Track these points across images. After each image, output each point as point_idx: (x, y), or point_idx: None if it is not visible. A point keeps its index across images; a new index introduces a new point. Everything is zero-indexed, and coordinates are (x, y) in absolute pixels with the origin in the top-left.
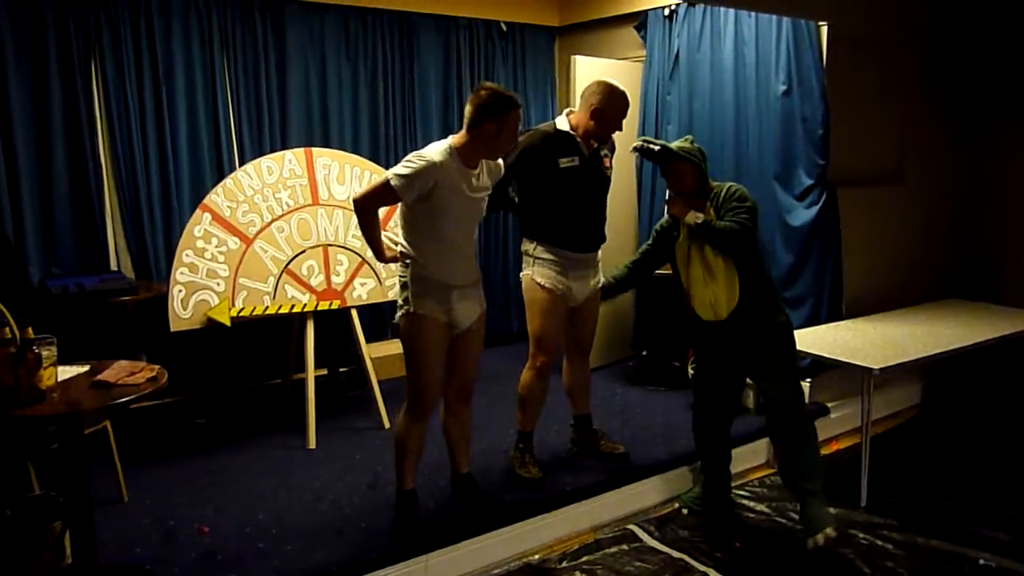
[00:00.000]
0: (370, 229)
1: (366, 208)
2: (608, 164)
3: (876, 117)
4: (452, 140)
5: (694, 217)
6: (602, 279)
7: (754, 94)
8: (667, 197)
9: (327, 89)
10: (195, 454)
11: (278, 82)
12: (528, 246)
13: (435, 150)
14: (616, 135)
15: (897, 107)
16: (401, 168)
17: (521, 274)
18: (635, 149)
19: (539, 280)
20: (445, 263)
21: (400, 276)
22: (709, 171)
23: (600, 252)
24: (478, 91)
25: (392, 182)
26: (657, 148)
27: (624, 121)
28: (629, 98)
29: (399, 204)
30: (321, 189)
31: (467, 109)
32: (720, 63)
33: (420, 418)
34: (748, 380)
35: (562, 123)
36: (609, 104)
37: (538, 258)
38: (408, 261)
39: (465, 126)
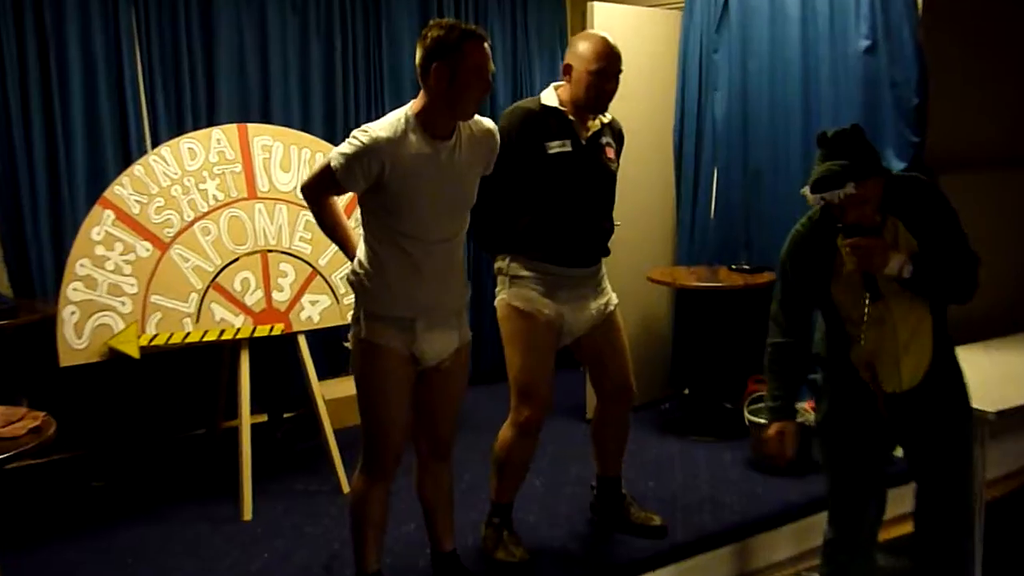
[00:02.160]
0: (327, 223)
1: (314, 197)
2: (612, 156)
3: (988, 83)
4: (409, 106)
5: (898, 267)
6: (614, 300)
7: (828, 51)
8: (842, 240)
9: (267, 47)
10: (93, 529)
11: (202, 39)
12: (501, 262)
13: (384, 122)
14: (639, 119)
15: (1016, 70)
16: (343, 146)
17: (496, 300)
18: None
19: (514, 303)
20: (410, 282)
21: (349, 278)
22: (763, 151)
23: (603, 268)
24: (423, 32)
25: (332, 164)
26: (840, 197)
27: (639, 85)
28: (615, 46)
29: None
30: (259, 178)
31: (416, 59)
32: (783, 10)
33: (380, 477)
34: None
35: (549, 97)
36: (581, 55)
37: (514, 276)
38: (359, 273)
39: (420, 83)
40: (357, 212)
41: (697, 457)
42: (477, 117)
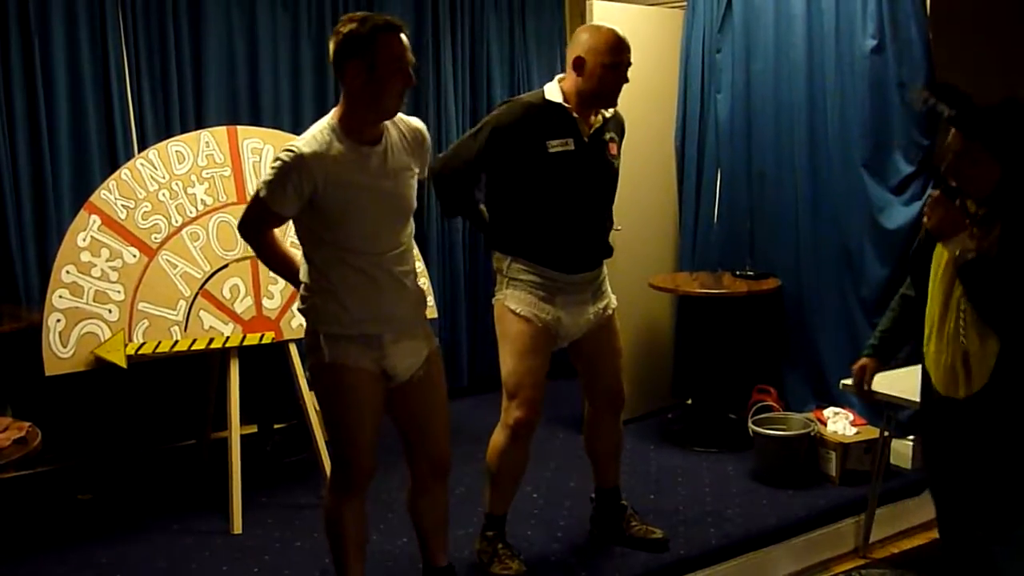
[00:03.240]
0: (272, 259)
1: (252, 235)
2: (615, 152)
3: (998, 83)
4: (330, 115)
5: (961, 248)
6: (613, 302)
7: (834, 51)
8: (929, 192)
9: (257, 48)
10: (78, 542)
11: (191, 38)
12: (501, 262)
13: (307, 136)
14: (640, 120)
15: None
16: (267, 173)
17: (493, 299)
18: (914, 100)
19: (513, 307)
20: (367, 297)
21: (299, 306)
22: (768, 154)
23: (604, 269)
24: (335, 28)
25: (261, 194)
26: (951, 112)
27: (639, 81)
28: (627, 40)
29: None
30: (250, 181)
31: (330, 58)
32: (787, 9)
33: (351, 493)
34: (824, 442)
35: (552, 92)
36: (594, 48)
37: (513, 279)
38: (308, 296)
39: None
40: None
41: (700, 469)
42: (403, 116)
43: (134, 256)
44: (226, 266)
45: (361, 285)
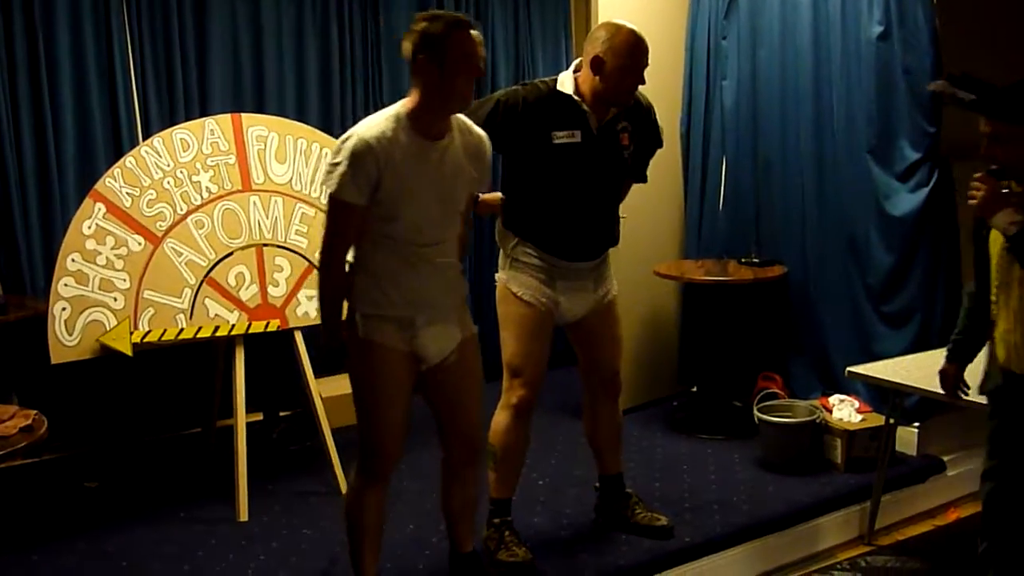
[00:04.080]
0: (339, 274)
1: (335, 252)
2: (627, 142)
3: (1007, 66)
4: (400, 104)
5: (1007, 222)
6: (614, 288)
7: (840, 38)
8: (975, 176)
9: (261, 36)
10: (85, 530)
11: (195, 26)
12: (506, 241)
13: (370, 122)
14: (652, 101)
15: None
16: (329, 167)
17: (496, 275)
18: (937, 90)
19: (514, 289)
20: (404, 281)
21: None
22: (773, 141)
23: (608, 256)
24: (410, 27)
25: (331, 190)
26: (971, 98)
27: (647, 72)
28: (647, 42)
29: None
30: (254, 169)
31: (406, 54)
32: None
33: (376, 480)
34: (829, 429)
35: (565, 83)
36: (613, 49)
37: (516, 260)
38: (349, 275)
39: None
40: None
41: (705, 456)
42: (470, 124)
43: (139, 244)
44: (231, 254)
45: (402, 272)
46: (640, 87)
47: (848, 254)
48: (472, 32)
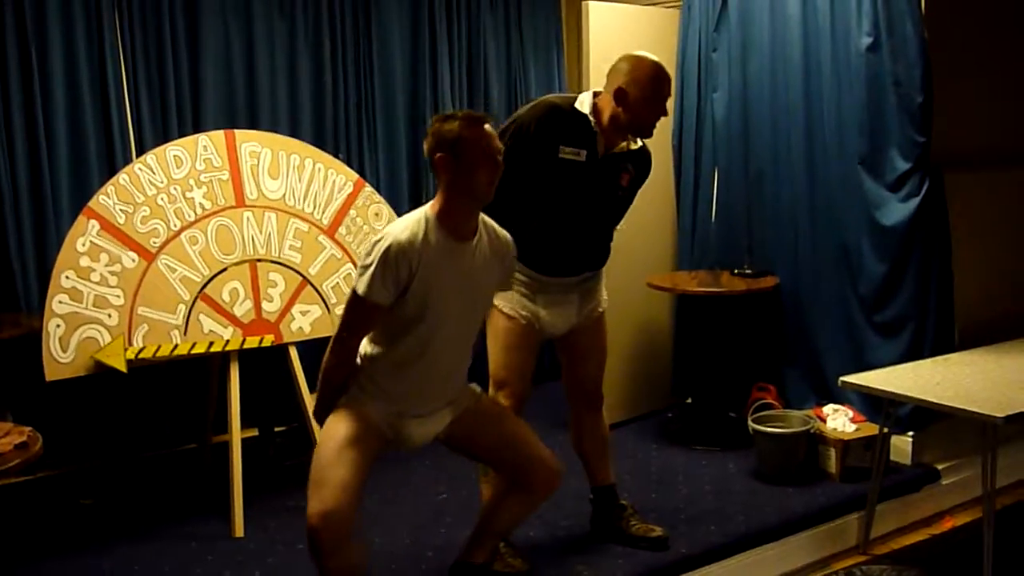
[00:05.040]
0: (347, 365)
1: (347, 343)
2: (625, 183)
3: (996, 77)
4: (428, 206)
5: None
6: (604, 303)
7: (829, 50)
8: None
9: (254, 53)
10: (81, 548)
11: (188, 43)
12: None
13: (402, 224)
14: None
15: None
16: (362, 268)
17: None
18: None
19: (498, 304)
20: (406, 391)
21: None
22: (765, 153)
23: (600, 273)
24: (427, 130)
25: (359, 291)
26: None
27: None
28: (668, 72)
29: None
30: (248, 185)
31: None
32: (783, 8)
33: (311, 539)
34: (824, 439)
35: (583, 103)
36: (637, 81)
37: None
38: (370, 352)
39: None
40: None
41: (700, 467)
42: (495, 225)
43: (133, 260)
44: (225, 270)
45: (410, 383)
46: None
47: (840, 264)
48: (487, 127)
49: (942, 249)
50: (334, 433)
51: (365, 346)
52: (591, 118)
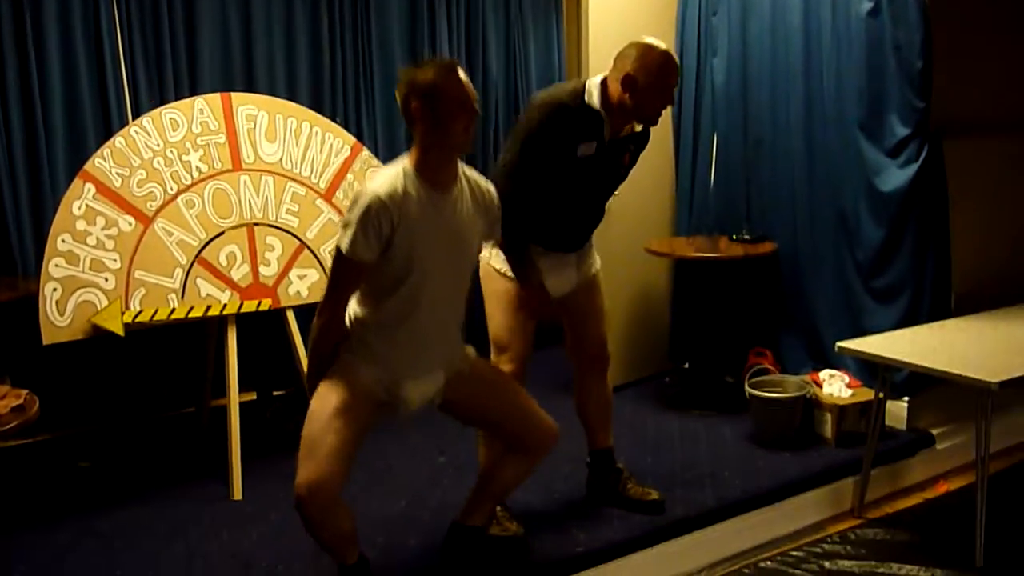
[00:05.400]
0: (336, 326)
1: (332, 305)
2: (628, 161)
3: (998, 41)
4: (404, 159)
5: None
6: (597, 263)
7: (830, 15)
8: None
9: (251, 12)
10: (79, 510)
11: (184, 7)
12: None
13: (381, 179)
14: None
15: None
16: (345, 224)
17: (480, 256)
18: None
19: (497, 266)
20: (400, 354)
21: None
22: (764, 118)
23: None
24: (398, 77)
25: (343, 248)
26: None
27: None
28: (676, 60)
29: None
30: (244, 149)
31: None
32: None
33: (297, 497)
34: (820, 404)
35: (593, 94)
36: (646, 68)
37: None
38: (360, 313)
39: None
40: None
41: (697, 432)
42: (476, 175)
43: (130, 224)
44: (222, 233)
45: (402, 345)
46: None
47: (838, 230)
48: (461, 74)
49: (940, 215)
50: (324, 402)
51: (355, 308)
52: (602, 112)
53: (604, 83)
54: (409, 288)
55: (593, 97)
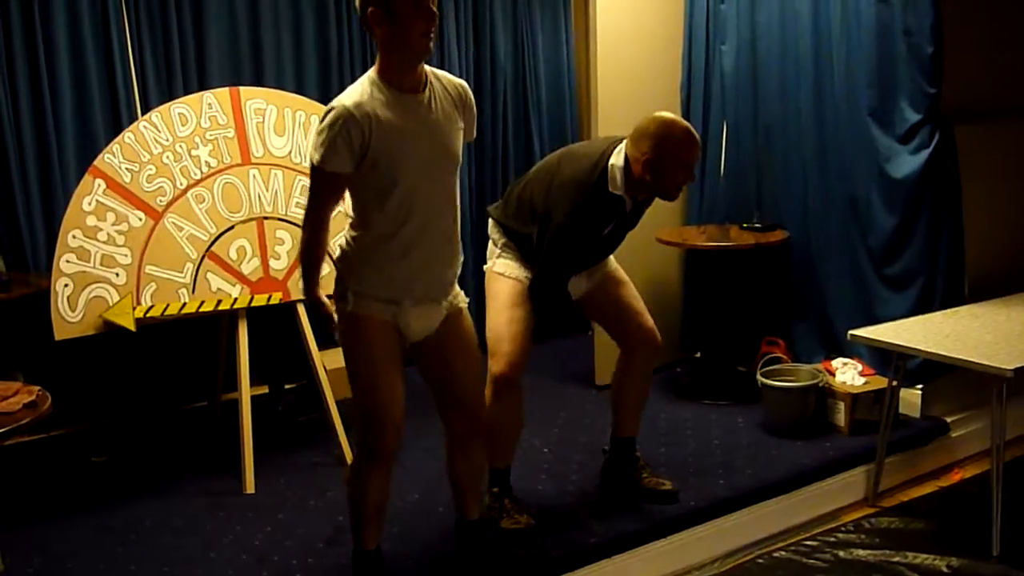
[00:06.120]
0: (320, 239)
1: (317, 218)
2: (644, 210)
3: (1008, 26)
4: (371, 70)
5: None
6: (611, 264)
7: (839, 0)
8: None
9: (258, 5)
10: (93, 505)
11: (192, 0)
12: (497, 235)
13: (348, 91)
14: (645, 74)
15: None
16: (316, 137)
17: (485, 267)
18: None
19: (500, 271)
20: (395, 269)
21: (338, 255)
22: (773, 105)
23: None
24: None
25: (315, 161)
26: None
27: (648, 47)
28: (697, 137)
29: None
30: (253, 143)
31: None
32: None
33: (379, 458)
34: (833, 392)
35: (616, 177)
36: (664, 151)
37: (506, 248)
38: (347, 252)
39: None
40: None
41: (709, 421)
42: (446, 74)
43: (140, 219)
44: (232, 227)
45: (395, 254)
46: (642, 60)
47: (850, 217)
48: None
49: (952, 201)
50: (362, 364)
51: (348, 235)
52: (625, 196)
53: (627, 163)
54: (397, 198)
55: (617, 183)
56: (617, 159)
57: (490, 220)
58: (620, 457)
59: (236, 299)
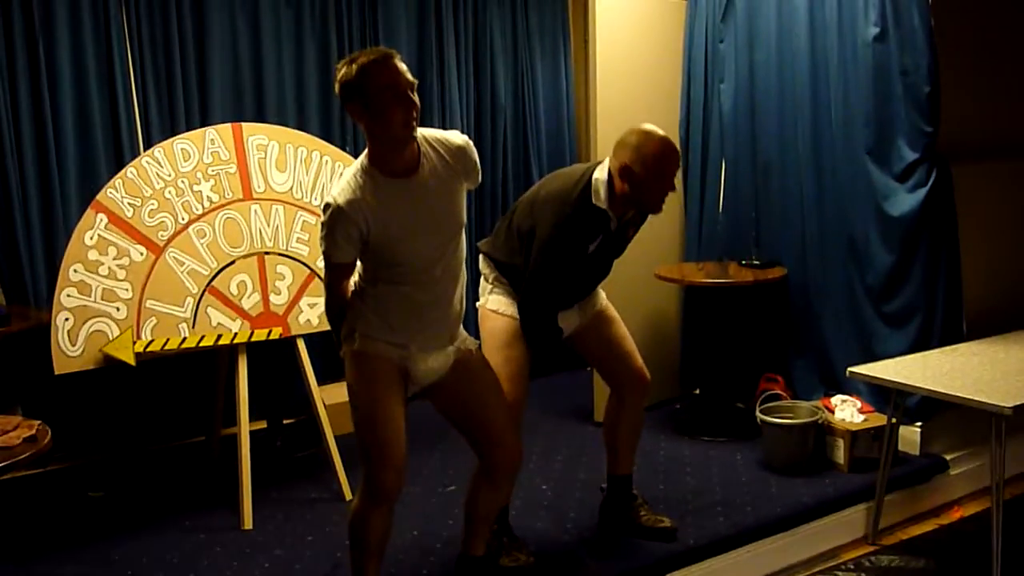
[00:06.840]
0: (341, 303)
1: (334, 294)
2: (631, 235)
3: (1004, 66)
4: (362, 156)
5: None
6: (602, 302)
7: (836, 40)
8: None
9: (261, 43)
10: (90, 540)
11: (195, 36)
12: (489, 271)
13: (341, 184)
14: (644, 111)
15: None
16: (320, 230)
17: (477, 304)
18: None
19: (493, 308)
20: (408, 318)
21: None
22: (772, 143)
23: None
24: (334, 78)
25: (322, 252)
26: None
27: (646, 82)
28: (677, 148)
29: None
30: (255, 178)
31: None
32: None
33: (382, 499)
34: (832, 429)
35: (600, 192)
36: (643, 160)
37: (498, 284)
38: (357, 300)
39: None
40: None
41: (708, 458)
42: (444, 136)
43: (141, 254)
44: (233, 262)
45: (406, 310)
46: (641, 98)
47: (848, 255)
48: (390, 62)
49: (950, 239)
50: (365, 401)
51: (358, 283)
52: (609, 211)
53: (610, 178)
54: (402, 269)
55: (600, 196)
56: (600, 173)
57: (480, 256)
58: (617, 495)
59: (236, 334)
